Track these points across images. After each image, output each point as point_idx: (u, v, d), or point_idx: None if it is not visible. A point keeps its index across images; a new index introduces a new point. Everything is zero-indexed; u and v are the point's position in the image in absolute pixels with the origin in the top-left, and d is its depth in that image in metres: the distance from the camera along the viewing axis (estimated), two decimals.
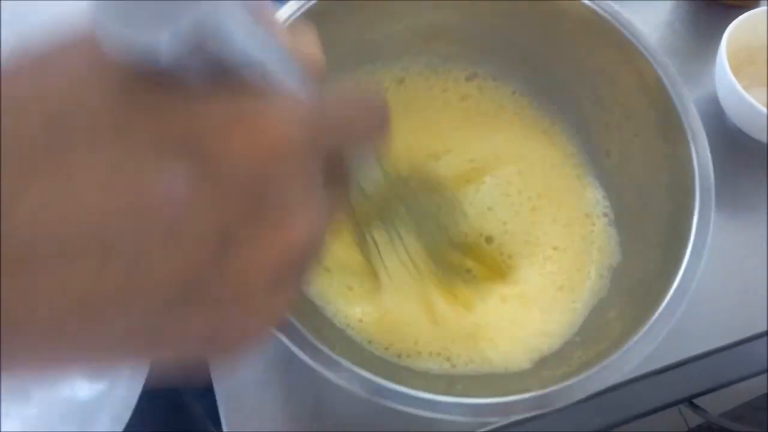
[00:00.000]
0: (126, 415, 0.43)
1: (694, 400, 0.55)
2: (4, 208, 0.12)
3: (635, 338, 0.35)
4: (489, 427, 0.43)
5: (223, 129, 0.14)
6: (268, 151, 0.14)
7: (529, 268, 0.45)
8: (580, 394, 0.34)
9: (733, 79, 0.51)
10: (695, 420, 0.89)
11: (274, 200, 0.15)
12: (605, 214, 0.46)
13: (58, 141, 0.13)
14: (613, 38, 0.43)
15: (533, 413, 0.34)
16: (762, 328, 0.48)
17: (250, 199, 0.14)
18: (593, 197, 0.47)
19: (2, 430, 0.33)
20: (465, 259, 0.44)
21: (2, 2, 0.24)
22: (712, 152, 0.40)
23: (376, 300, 0.43)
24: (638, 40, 0.42)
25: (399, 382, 0.34)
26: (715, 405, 0.61)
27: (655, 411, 0.47)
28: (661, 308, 0.36)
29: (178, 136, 0.14)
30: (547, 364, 0.41)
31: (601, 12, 0.43)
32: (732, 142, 0.54)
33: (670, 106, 0.41)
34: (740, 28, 0.53)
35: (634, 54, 0.42)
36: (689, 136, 0.40)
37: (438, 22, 0.47)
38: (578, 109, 0.48)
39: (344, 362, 0.33)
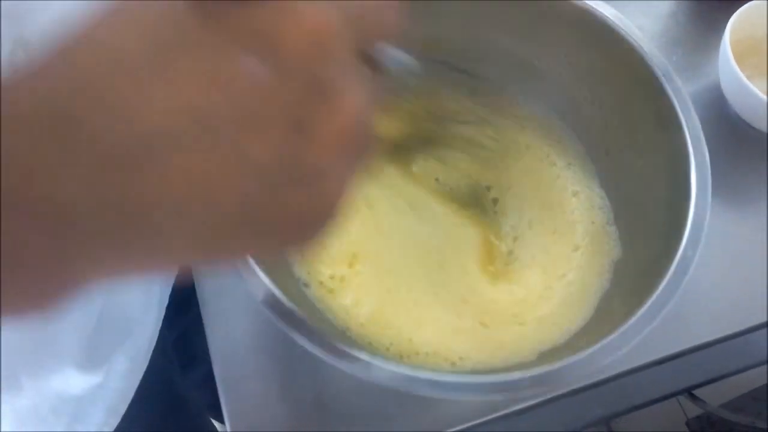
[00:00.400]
0: (122, 408, 0.43)
1: (694, 391, 0.55)
2: (128, 113, 0.15)
3: (636, 317, 0.35)
4: (492, 415, 0.43)
5: (277, 27, 0.17)
6: (315, 39, 0.17)
7: (529, 279, 0.45)
8: (582, 371, 0.34)
9: (736, 68, 0.51)
10: (694, 411, 0.90)
11: (327, 79, 0.17)
12: (604, 214, 0.46)
13: (158, 56, 0.16)
14: (602, 35, 0.43)
15: (535, 391, 0.34)
16: (762, 320, 0.48)
17: (309, 79, 0.17)
18: (592, 202, 0.47)
19: None
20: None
21: (2, 2, 0.25)
22: (714, 143, 0.40)
23: (379, 302, 0.43)
24: (625, 32, 0.42)
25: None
26: (714, 396, 0.61)
27: (654, 402, 0.47)
28: (661, 286, 0.36)
29: (246, 38, 0.16)
30: (550, 357, 0.41)
31: (588, 8, 0.43)
32: (734, 132, 0.54)
33: (664, 95, 0.41)
34: (743, 19, 0.53)
35: (623, 47, 0.42)
36: (684, 123, 0.40)
37: (433, 34, 0.47)
38: (577, 114, 0.48)
39: (350, 350, 0.34)
